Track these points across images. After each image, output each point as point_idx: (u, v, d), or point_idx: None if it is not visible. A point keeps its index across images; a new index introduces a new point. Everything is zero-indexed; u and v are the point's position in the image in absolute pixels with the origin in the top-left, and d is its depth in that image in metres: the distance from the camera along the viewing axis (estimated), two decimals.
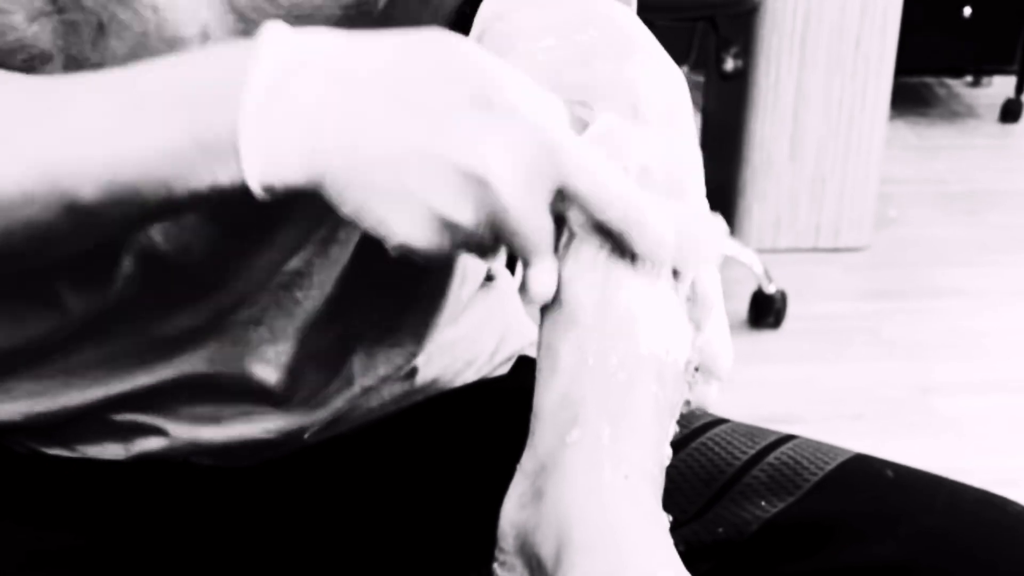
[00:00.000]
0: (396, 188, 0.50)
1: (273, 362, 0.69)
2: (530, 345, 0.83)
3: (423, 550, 0.73)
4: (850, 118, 2.57)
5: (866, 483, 0.69)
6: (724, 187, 2.63)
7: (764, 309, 2.38)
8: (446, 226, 0.51)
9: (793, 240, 2.66)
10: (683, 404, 0.57)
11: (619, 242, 0.53)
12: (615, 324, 0.54)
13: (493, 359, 0.81)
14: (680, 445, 0.72)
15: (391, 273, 0.71)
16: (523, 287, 0.55)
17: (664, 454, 0.55)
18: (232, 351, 0.68)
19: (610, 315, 0.54)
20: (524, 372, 0.73)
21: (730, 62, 2.35)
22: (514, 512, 0.54)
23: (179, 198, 0.52)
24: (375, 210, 0.50)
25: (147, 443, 0.70)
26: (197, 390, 0.69)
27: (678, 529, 0.53)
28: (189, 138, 0.51)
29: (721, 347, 0.58)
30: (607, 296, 0.54)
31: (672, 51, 0.64)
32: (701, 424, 0.74)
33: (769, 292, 2.37)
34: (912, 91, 3.62)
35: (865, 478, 0.70)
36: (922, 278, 2.60)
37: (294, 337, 0.69)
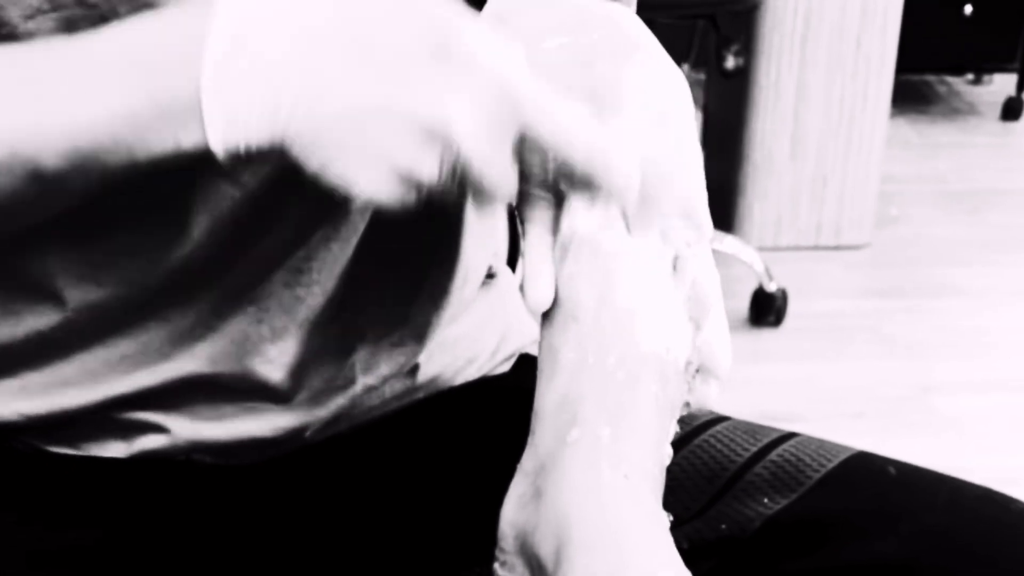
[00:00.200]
0: (359, 143, 0.50)
1: (275, 360, 0.69)
2: (532, 343, 0.82)
3: (424, 549, 0.73)
4: (851, 116, 2.57)
5: (868, 480, 0.69)
6: (725, 185, 2.62)
7: (765, 307, 2.38)
8: (409, 179, 0.51)
9: (794, 238, 2.66)
10: (683, 404, 0.57)
11: (584, 187, 0.54)
12: (615, 323, 0.54)
13: (495, 357, 0.81)
14: (682, 443, 0.72)
15: (393, 271, 0.71)
16: (523, 288, 0.56)
17: (664, 453, 0.55)
18: (233, 349, 0.68)
19: (610, 314, 0.54)
20: (525, 371, 0.73)
21: (731, 60, 2.34)
22: (514, 512, 0.54)
23: (141, 162, 0.52)
24: (338, 166, 0.51)
25: (148, 441, 0.70)
26: (199, 388, 0.69)
27: (680, 527, 0.53)
28: (150, 102, 0.51)
29: (721, 346, 0.58)
30: (607, 295, 0.54)
31: (673, 49, 0.64)
32: (703, 422, 0.74)
33: (770, 290, 2.37)
34: (913, 89, 3.62)
35: (867, 475, 0.70)
36: (923, 277, 2.60)
37: (296, 335, 0.69)
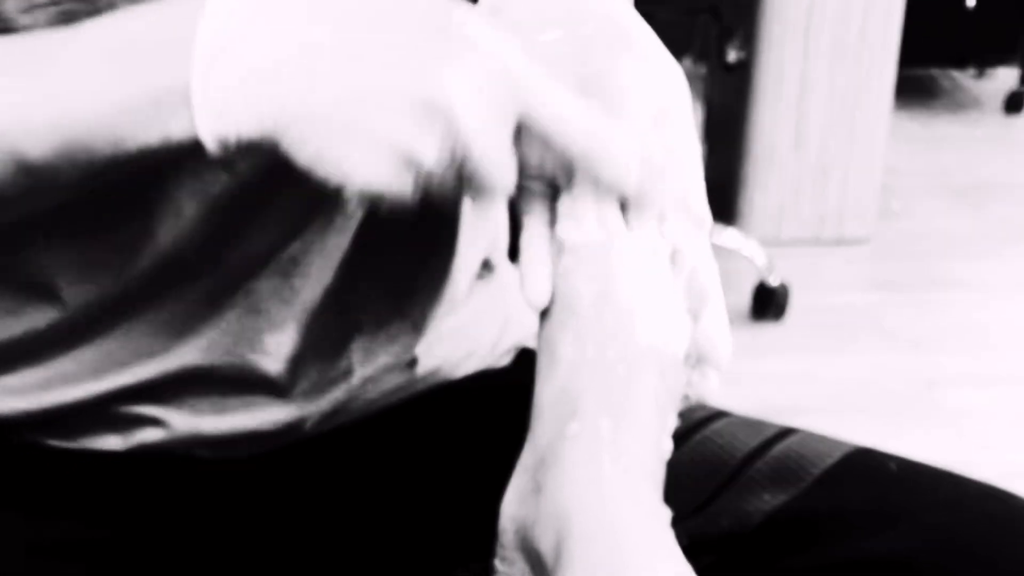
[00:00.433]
0: (355, 126, 0.49)
1: (273, 352, 0.69)
2: (532, 336, 0.82)
3: (423, 544, 0.73)
4: (854, 109, 2.57)
5: (869, 476, 0.69)
6: (727, 178, 2.62)
7: (766, 301, 2.38)
8: (408, 164, 0.50)
9: (796, 231, 2.65)
10: (683, 397, 0.57)
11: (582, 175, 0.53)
12: (614, 316, 0.54)
13: (494, 349, 0.80)
14: (682, 438, 0.72)
15: (390, 262, 0.71)
16: (521, 282, 0.55)
17: (664, 447, 0.55)
18: (231, 341, 0.68)
19: (609, 307, 0.54)
20: (525, 365, 0.73)
21: (733, 53, 2.34)
22: (514, 507, 0.54)
23: (131, 153, 0.52)
24: (334, 154, 0.50)
25: (146, 434, 0.70)
26: (197, 381, 0.69)
27: (681, 522, 0.53)
28: (140, 91, 0.51)
29: (720, 338, 0.57)
30: (605, 289, 0.54)
31: (674, 42, 0.64)
32: (703, 417, 0.74)
33: (772, 284, 2.37)
34: (916, 82, 3.61)
35: (868, 471, 0.70)
36: (926, 270, 2.60)
37: (293, 327, 0.69)
